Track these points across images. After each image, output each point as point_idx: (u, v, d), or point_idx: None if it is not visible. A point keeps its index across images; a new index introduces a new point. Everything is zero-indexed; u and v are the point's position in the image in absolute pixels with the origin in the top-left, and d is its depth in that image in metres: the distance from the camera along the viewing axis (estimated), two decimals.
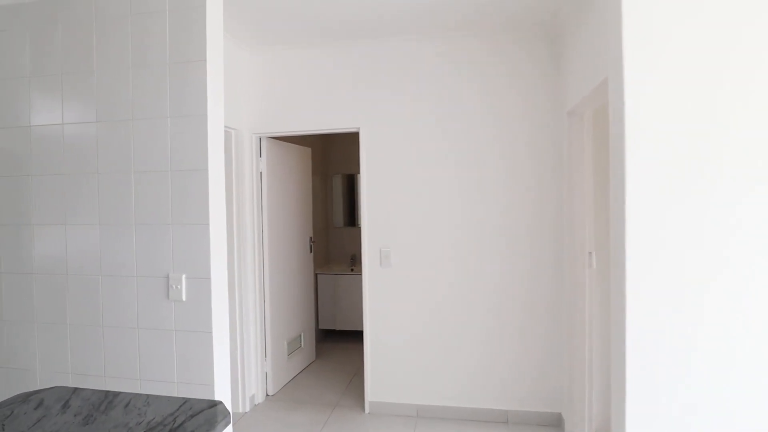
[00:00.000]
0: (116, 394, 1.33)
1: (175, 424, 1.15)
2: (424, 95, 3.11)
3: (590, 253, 2.70)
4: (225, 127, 2.99)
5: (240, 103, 3.19)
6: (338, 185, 5.30)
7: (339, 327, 4.79)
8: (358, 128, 3.16)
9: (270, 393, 3.40)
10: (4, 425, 1.14)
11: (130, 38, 2.03)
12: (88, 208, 2.10)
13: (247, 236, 3.21)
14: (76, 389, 1.36)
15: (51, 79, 2.13)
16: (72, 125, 2.11)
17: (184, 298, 1.98)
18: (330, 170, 5.36)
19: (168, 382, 2.01)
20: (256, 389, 3.29)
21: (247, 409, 3.18)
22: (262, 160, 3.34)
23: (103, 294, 2.09)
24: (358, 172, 5.12)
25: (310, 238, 4.20)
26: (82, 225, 2.11)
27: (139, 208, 2.03)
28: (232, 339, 3.13)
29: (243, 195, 3.20)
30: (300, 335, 3.90)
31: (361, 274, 3.26)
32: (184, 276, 1.97)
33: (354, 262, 5.13)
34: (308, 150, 4.18)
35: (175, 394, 2.00)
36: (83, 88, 2.08)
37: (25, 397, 1.30)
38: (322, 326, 4.84)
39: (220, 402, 1.32)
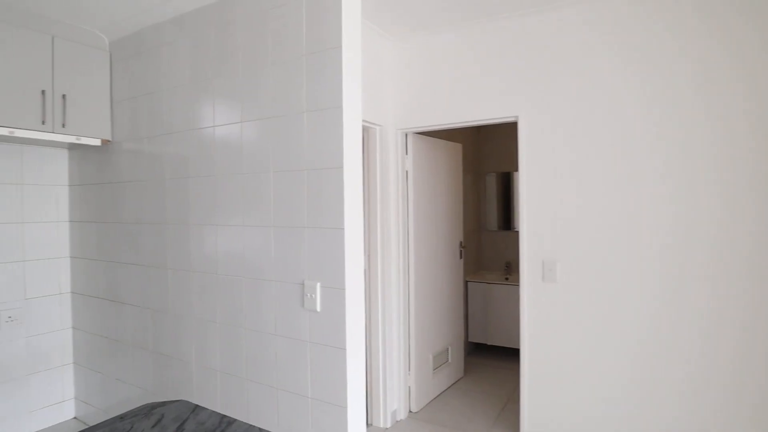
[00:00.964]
0: (231, 421, 1.18)
1: None
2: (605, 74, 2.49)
3: None
4: (368, 122, 2.83)
5: (384, 97, 3.01)
6: (492, 184, 4.84)
7: (491, 342, 4.35)
8: (516, 117, 2.70)
9: (413, 410, 3.16)
10: None
11: (270, 34, 1.95)
12: (233, 209, 2.10)
13: (391, 240, 3.01)
14: (196, 407, 1.25)
15: (204, 84, 2.19)
16: (221, 127, 2.14)
17: (318, 309, 1.82)
18: (483, 168, 4.92)
19: (302, 396, 1.88)
20: (398, 404, 3.08)
21: (389, 425, 2.98)
22: (408, 157, 3.11)
23: (245, 296, 2.06)
24: (515, 170, 4.59)
25: (460, 242, 3.85)
26: (227, 225, 2.12)
27: (277, 209, 1.94)
28: (374, 350, 2.97)
29: (387, 196, 3.01)
30: (447, 349, 3.59)
31: (517, 285, 2.78)
32: (318, 284, 1.81)
33: (509, 270, 4.62)
34: (458, 146, 3.84)
35: (308, 412, 1.86)
36: (230, 89, 2.09)
37: (148, 411, 1.23)
38: (471, 339, 4.45)
39: None
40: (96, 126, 2.59)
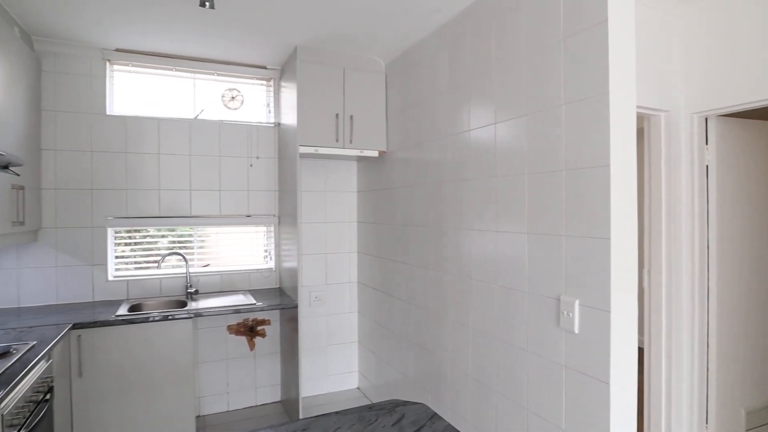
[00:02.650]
0: None
1: None
2: None
3: None
4: (647, 109, 2.33)
5: (671, 76, 2.42)
6: None
7: None
8: None
9: None
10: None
11: (523, 26, 1.81)
12: (486, 214, 2.05)
13: (681, 254, 2.40)
14: (434, 416, 1.24)
15: (460, 90, 2.22)
16: (475, 131, 2.11)
17: (576, 330, 1.58)
18: None
19: (555, 427, 1.67)
20: None
21: None
22: (710, 147, 2.41)
23: (497, 304, 1.98)
24: None
25: None
26: (480, 230, 2.08)
27: (531, 215, 1.79)
28: (654, 391, 2.42)
29: (676, 199, 2.41)
30: None
31: None
32: (577, 302, 1.57)
33: None
34: None
35: None
36: (484, 91, 2.04)
37: (392, 407, 1.29)
38: None
39: None
40: (375, 139, 2.98)
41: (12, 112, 2.24)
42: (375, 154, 2.99)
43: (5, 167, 2.04)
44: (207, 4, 2.23)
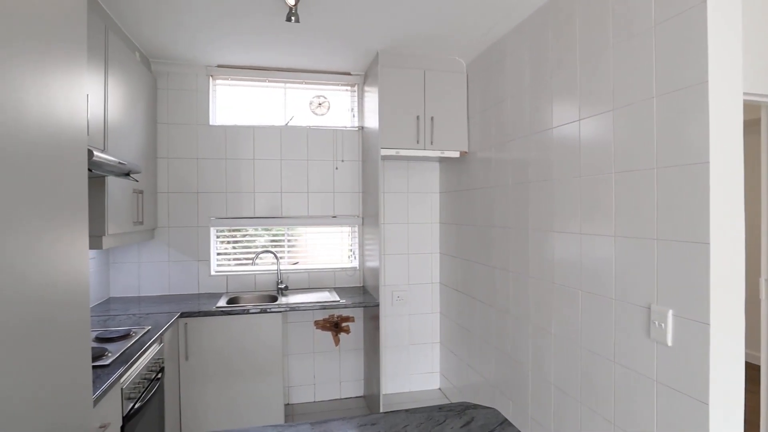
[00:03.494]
0: None
1: None
2: None
3: None
4: (761, 96, 2.04)
5: None
6: None
7: None
8: None
9: None
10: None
11: (610, 14, 1.69)
12: (570, 215, 1.94)
13: None
14: (504, 421, 1.21)
15: (542, 86, 2.13)
16: (558, 128, 2.02)
17: (669, 342, 1.45)
18: None
19: None
20: None
21: None
22: None
23: (582, 310, 1.87)
24: None
25: None
26: (564, 233, 1.98)
27: (618, 216, 1.67)
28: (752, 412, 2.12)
29: None
30: None
31: None
32: (670, 312, 1.44)
33: None
34: None
35: None
36: (568, 87, 1.94)
37: (462, 410, 1.28)
38: None
39: None
40: (456, 140, 2.96)
41: (133, 127, 2.59)
42: (456, 154, 2.97)
43: (127, 174, 2.35)
44: (293, 18, 2.40)
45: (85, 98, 1.15)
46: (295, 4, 2.40)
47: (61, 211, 1.00)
